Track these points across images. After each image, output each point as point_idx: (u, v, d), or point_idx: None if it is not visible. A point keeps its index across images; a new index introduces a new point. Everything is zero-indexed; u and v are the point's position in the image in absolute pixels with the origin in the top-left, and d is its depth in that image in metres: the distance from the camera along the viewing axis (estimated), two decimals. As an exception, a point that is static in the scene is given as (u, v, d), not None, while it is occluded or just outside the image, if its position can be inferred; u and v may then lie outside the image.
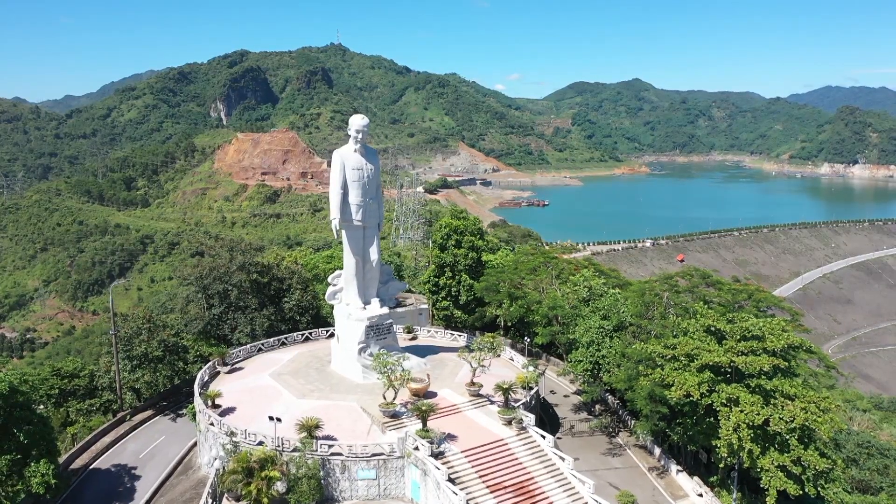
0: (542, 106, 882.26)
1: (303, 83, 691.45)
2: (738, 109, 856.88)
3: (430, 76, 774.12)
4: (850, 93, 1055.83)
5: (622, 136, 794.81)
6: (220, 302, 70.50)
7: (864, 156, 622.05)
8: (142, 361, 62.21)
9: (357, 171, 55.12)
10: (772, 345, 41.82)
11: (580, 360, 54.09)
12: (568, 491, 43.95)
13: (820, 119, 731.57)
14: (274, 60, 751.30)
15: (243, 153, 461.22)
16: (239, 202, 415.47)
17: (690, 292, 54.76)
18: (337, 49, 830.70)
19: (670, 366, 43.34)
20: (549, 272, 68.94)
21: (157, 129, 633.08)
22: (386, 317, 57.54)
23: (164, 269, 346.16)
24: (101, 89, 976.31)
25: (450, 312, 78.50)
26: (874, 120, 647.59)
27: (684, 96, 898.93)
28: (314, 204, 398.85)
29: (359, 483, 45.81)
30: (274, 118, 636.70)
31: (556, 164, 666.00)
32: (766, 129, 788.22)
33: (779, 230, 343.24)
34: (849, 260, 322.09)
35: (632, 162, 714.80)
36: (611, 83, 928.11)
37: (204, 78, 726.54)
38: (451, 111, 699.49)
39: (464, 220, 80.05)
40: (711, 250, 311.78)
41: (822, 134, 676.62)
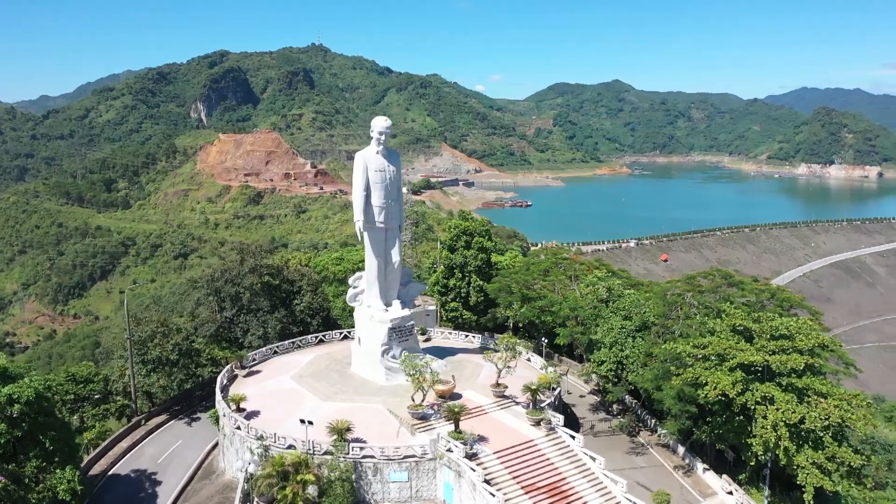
0: (523, 107, 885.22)
1: (284, 84, 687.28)
2: (717, 110, 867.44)
3: (411, 77, 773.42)
4: (825, 94, 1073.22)
5: (603, 137, 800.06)
6: (232, 305, 69.99)
7: (840, 156, 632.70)
8: (156, 365, 61.60)
9: (380, 172, 55.10)
10: (802, 344, 42.53)
11: (603, 361, 54.54)
12: (600, 491, 44.31)
13: (797, 120, 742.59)
14: (255, 61, 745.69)
15: (226, 154, 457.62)
16: (222, 203, 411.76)
17: (714, 293, 55.53)
18: (318, 50, 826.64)
19: (701, 365, 43.88)
20: (563, 273, 69.31)
21: (137, 130, 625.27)
22: (408, 318, 57.58)
23: (146, 272, 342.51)
24: (78, 90, 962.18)
25: (459, 314, 78.59)
26: (849, 121, 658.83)
27: (664, 97, 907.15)
28: (298, 205, 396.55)
29: (391, 485, 45.80)
30: (255, 119, 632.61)
31: (538, 164, 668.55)
32: (745, 129, 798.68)
33: (759, 230, 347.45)
34: (828, 259, 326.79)
35: (613, 163, 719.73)
36: (591, 84, 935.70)
37: (183, 78, 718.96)
38: (433, 112, 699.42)
39: (472, 220, 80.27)
40: (694, 250, 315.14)
41: (798, 135, 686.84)
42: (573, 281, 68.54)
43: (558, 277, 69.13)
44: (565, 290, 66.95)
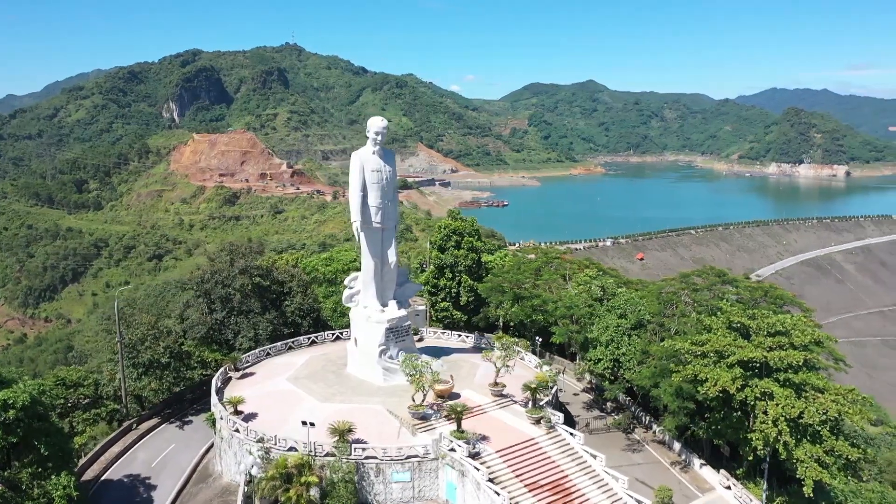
0: (498, 107, 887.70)
1: (258, 83, 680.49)
2: (689, 111, 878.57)
3: (387, 77, 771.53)
4: (794, 94, 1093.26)
5: (578, 137, 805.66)
6: (223, 306, 69.29)
7: (809, 156, 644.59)
8: (147, 368, 60.82)
9: (376, 172, 55.01)
10: (798, 340, 43.39)
11: (600, 359, 55.06)
12: (602, 488, 44.77)
13: (767, 120, 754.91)
14: (228, 60, 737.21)
15: (200, 154, 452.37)
16: (197, 204, 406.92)
17: (709, 290, 56.35)
18: (292, 49, 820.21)
19: (700, 362, 44.55)
20: (555, 273, 69.77)
21: (107, 130, 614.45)
22: (405, 319, 57.57)
23: (120, 274, 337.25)
24: (46, 89, 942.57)
25: (449, 314, 78.67)
26: (818, 121, 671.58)
27: (637, 97, 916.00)
28: (275, 206, 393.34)
29: (393, 486, 45.78)
30: (229, 119, 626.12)
31: (513, 164, 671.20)
32: (716, 129, 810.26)
33: (733, 228, 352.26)
34: (799, 257, 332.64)
35: (588, 162, 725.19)
36: (565, 84, 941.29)
37: (155, 78, 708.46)
38: (409, 112, 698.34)
39: (462, 220, 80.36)
40: (670, 248, 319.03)
41: (769, 135, 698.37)
42: (567, 280, 69.02)
43: (552, 277, 69.55)
44: (559, 290, 67.37)
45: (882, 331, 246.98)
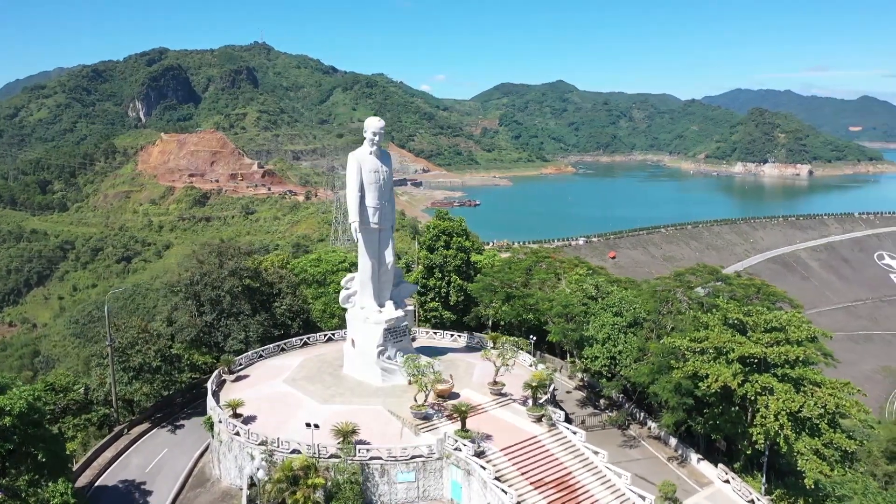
0: (469, 107, 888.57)
1: (227, 82, 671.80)
2: (657, 111, 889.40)
3: (357, 76, 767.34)
4: (758, 95, 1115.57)
5: (548, 137, 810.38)
6: (212, 309, 68.49)
7: (774, 155, 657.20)
8: (138, 372, 59.90)
9: (374, 173, 54.89)
10: (795, 335, 44.46)
11: (597, 357, 55.70)
12: (605, 484, 45.35)
13: (732, 120, 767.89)
14: (195, 59, 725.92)
15: (168, 154, 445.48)
16: (166, 205, 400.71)
17: (703, 288, 57.36)
18: (261, 48, 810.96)
19: (699, 359, 45.37)
20: (546, 272, 70.33)
21: (71, 130, 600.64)
22: (402, 319, 57.53)
23: (87, 277, 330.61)
24: (6, 87, 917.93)
25: (439, 313, 78.80)
26: (782, 121, 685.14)
27: (606, 98, 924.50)
28: (246, 206, 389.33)
29: (398, 486, 45.83)
30: (197, 118, 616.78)
31: (485, 164, 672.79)
32: (683, 129, 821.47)
33: (702, 227, 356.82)
34: (766, 254, 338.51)
35: (558, 162, 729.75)
36: (536, 84, 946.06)
37: (120, 76, 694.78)
38: (379, 111, 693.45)
39: (450, 220, 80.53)
40: (641, 247, 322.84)
41: (734, 134, 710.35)
42: (559, 279, 69.64)
43: (546, 276, 70.10)
44: (553, 288, 67.95)
45: (846, 326, 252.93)
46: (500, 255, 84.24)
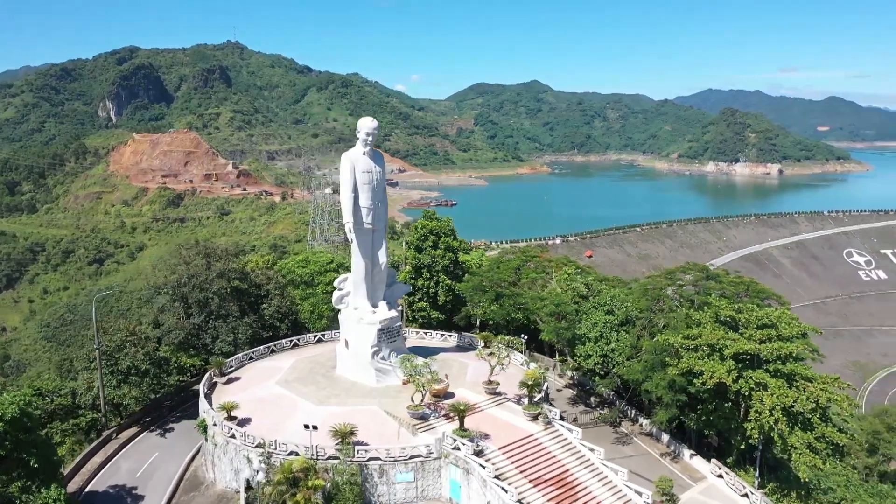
0: (444, 106, 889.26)
1: (199, 82, 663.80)
2: (631, 111, 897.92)
3: (332, 76, 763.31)
4: (728, 95, 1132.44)
5: (523, 137, 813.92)
6: (200, 311, 67.81)
7: (745, 154, 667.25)
8: (127, 375, 59.08)
9: (367, 173, 54.84)
10: (786, 332, 45.37)
11: (590, 355, 56.24)
12: (602, 480, 45.83)
13: (704, 120, 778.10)
14: (167, 58, 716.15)
15: (141, 155, 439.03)
16: (139, 206, 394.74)
17: (694, 286, 58.23)
18: (234, 47, 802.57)
19: (693, 355, 46.07)
20: (534, 271, 70.75)
21: (39, 130, 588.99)
22: (395, 319, 57.55)
23: (58, 279, 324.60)
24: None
25: (427, 313, 78.79)
26: (752, 121, 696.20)
27: (580, 98, 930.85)
28: (221, 207, 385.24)
29: (396, 486, 45.86)
30: (170, 118, 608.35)
31: (461, 164, 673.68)
32: (657, 129, 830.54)
33: (676, 225, 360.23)
34: (739, 252, 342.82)
35: (534, 161, 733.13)
36: (510, 84, 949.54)
37: (90, 75, 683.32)
38: (355, 111, 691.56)
39: (438, 220, 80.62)
40: (617, 246, 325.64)
41: (706, 134, 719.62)
42: (550, 277, 70.10)
43: (537, 275, 70.52)
44: (543, 287, 68.41)
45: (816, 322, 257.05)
46: (487, 255, 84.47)
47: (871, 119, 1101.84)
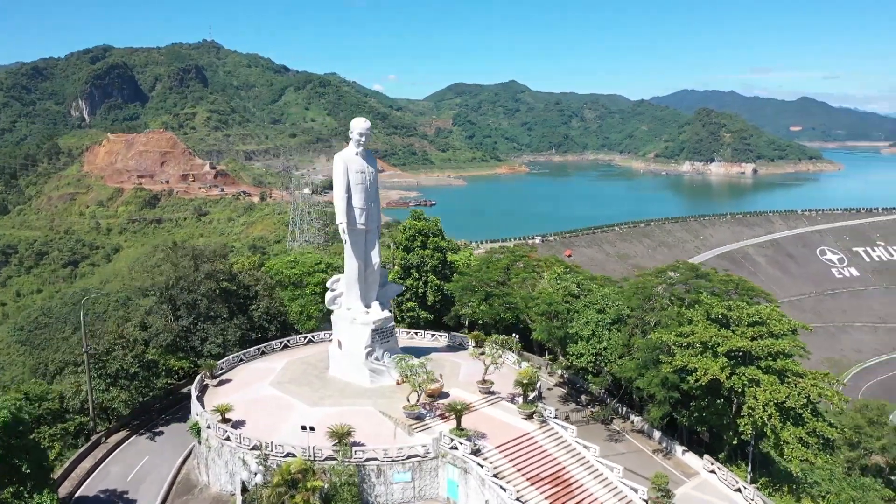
0: (422, 106, 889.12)
1: (175, 81, 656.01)
2: (608, 111, 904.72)
3: (310, 76, 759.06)
4: (703, 96, 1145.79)
5: (501, 137, 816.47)
6: (189, 313, 67.20)
7: (720, 154, 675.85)
8: (116, 379, 58.40)
9: (360, 174, 54.79)
10: (777, 329, 46.19)
11: (582, 353, 56.72)
12: (598, 478, 46.27)
13: (680, 120, 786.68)
14: (141, 57, 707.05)
15: (116, 155, 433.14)
16: (114, 207, 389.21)
17: (684, 284, 58.99)
18: (210, 46, 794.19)
19: (687, 353, 46.72)
20: (524, 271, 71.15)
21: (10, 130, 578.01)
22: (389, 320, 57.54)
23: (31, 282, 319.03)
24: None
25: (416, 313, 78.84)
26: (727, 121, 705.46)
27: (558, 98, 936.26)
28: (199, 208, 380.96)
29: (394, 486, 45.89)
30: (145, 118, 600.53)
31: (439, 164, 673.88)
32: (633, 129, 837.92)
33: (654, 224, 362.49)
34: (716, 250, 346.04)
35: (512, 161, 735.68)
36: (488, 85, 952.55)
37: (62, 74, 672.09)
38: (332, 111, 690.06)
39: (426, 221, 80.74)
40: (596, 245, 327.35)
41: (682, 134, 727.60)
42: (540, 276, 70.55)
43: (527, 275, 70.93)
44: (533, 287, 68.81)
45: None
46: (476, 254, 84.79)
47: (841, 119, 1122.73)
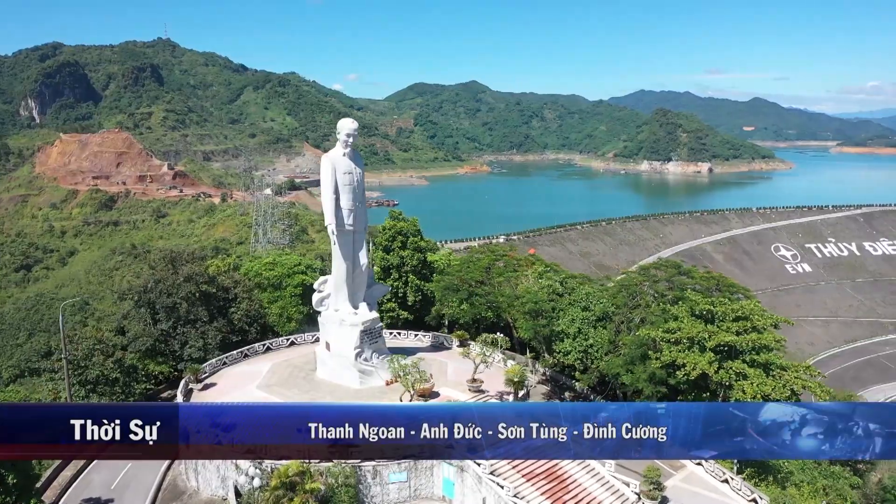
0: (383, 106, 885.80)
1: (129, 80, 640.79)
2: (567, 111, 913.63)
3: (269, 75, 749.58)
4: (660, 96, 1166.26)
5: (463, 137, 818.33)
6: (168, 316, 66.10)
7: (677, 153, 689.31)
8: (96, 385, 57.22)
9: (348, 175, 54.70)
10: (760, 323, 47.73)
11: (569, 351, 57.61)
12: (590, 472, 47.11)
13: (638, 120, 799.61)
14: (94, 55, 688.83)
15: (69, 156, 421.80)
16: (69, 209, 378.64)
17: (668, 282, 60.36)
18: (166, 44, 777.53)
19: (675, 348, 47.93)
20: (505, 270, 71.89)
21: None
22: (377, 320, 57.61)
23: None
24: None
25: (396, 314, 78.90)
26: (683, 121, 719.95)
27: (518, 98, 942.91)
28: (157, 209, 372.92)
29: (390, 487, 45.97)
30: (99, 118, 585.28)
31: (401, 164, 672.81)
32: (592, 129, 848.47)
33: (615, 223, 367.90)
34: (675, 248, 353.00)
35: (473, 161, 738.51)
36: (449, 85, 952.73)
37: (10, 72, 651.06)
38: (293, 111, 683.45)
39: (405, 221, 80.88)
40: (559, 244, 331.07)
41: (640, 134, 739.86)
42: (525, 276, 71.31)
43: (510, 273, 71.66)
44: (514, 286, 69.55)
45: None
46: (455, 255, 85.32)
47: (792, 119, 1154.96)
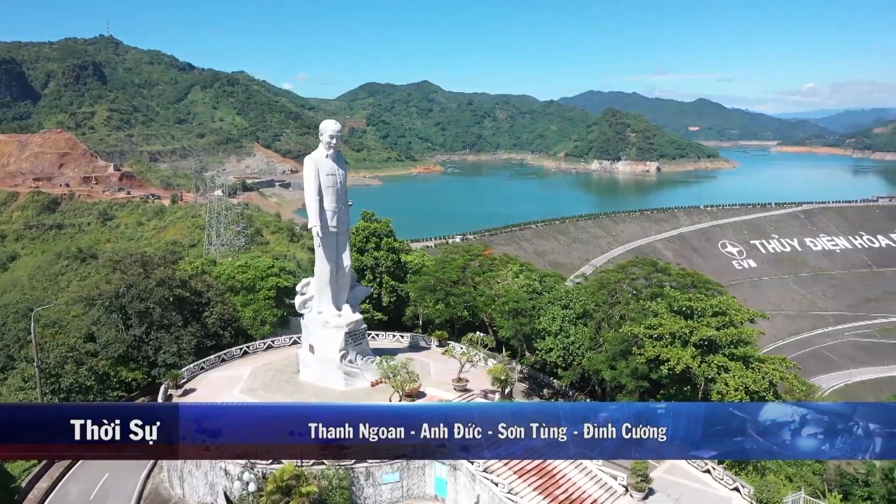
0: (335, 106, 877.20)
1: (70, 78, 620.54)
2: (518, 111, 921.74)
3: (217, 74, 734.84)
4: (608, 97, 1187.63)
5: (415, 137, 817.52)
6: (141, 322, 64.59)
7: (626, 153, 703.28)
8: (70, 393, 55.63)
9: (331, 176, 54.50)
10: (737, 318, 49.51)
11: (552, 349, 58.56)
12: (578, 467, 48.09)
13: (588, 120, 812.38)
14: (31, 52, 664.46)
15: (8, 157, 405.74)
16: (8, 212, 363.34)
17: (646, 279, 61.86)
18: (108, 42, 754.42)
19: (658, 344, 49.33)
20: (480, 270, 72.52)
21: None
22: (360, 322, 57.51)
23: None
24: None
25: (370, 315, 78.68)
26: (632, 121, 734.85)
27: (470, 98, 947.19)
28: (104, 212, 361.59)
29: (382, 487, 46.10)
30: (38, 117, 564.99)
31: (354, 164, 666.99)
32: (544, 129, 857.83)
33: (568, 222, 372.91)
34: (627, 246, 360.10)
35: (426, 161, 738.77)
36: (401, 84, 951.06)
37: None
38: (242, 111, 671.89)
39: (378, 222, 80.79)
40: (514, 243, 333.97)
41: (590, 134, 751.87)
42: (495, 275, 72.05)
43: (489, 273, 72.28)
44: (490, 285, 70.25)
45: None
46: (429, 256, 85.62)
47: (735, 120, 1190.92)
